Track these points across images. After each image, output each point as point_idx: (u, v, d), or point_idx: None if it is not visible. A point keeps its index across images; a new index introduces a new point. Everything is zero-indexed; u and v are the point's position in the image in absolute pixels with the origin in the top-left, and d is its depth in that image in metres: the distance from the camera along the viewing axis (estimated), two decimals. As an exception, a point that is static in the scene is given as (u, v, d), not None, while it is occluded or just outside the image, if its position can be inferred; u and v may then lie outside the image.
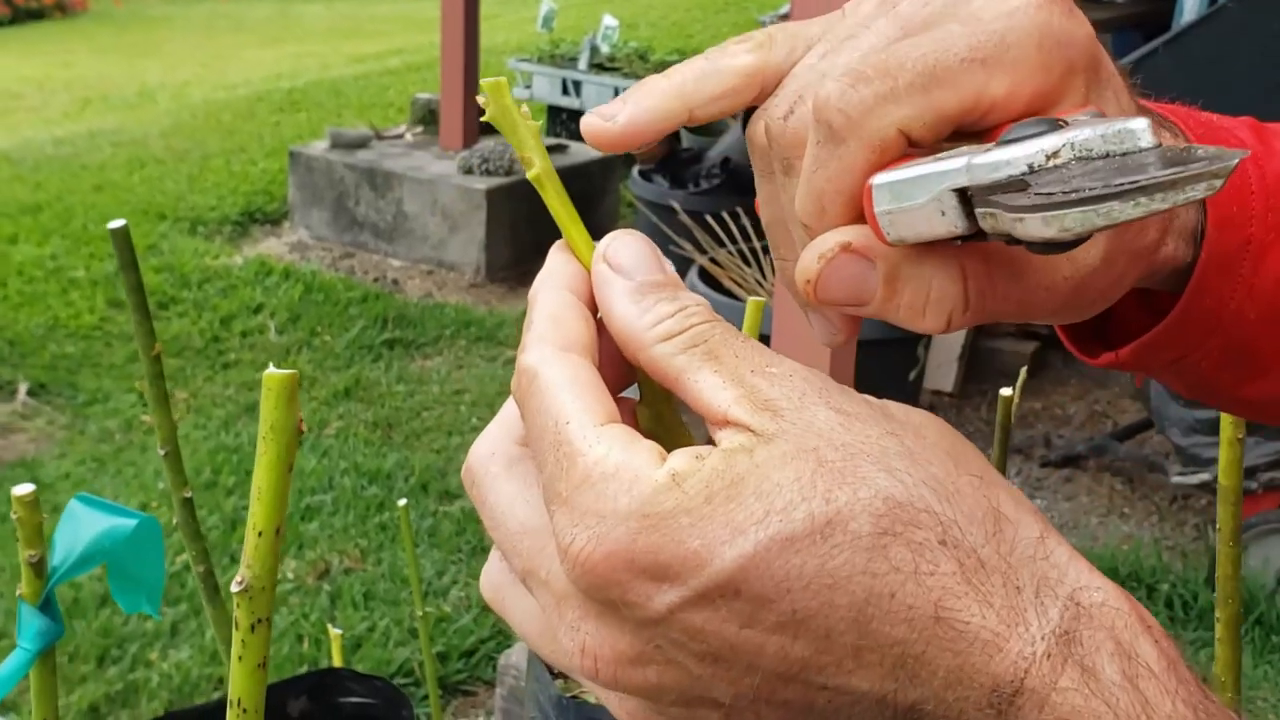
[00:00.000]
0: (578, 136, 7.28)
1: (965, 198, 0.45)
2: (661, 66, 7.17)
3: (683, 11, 12.53)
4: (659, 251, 0.52)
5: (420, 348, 5.14)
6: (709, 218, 4.69)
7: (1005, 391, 0.84)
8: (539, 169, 0.53)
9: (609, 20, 7.47)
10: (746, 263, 4.54)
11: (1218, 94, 3.51)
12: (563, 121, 7.41)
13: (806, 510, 0.44)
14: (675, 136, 5.84)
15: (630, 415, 0.53)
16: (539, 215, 4.70)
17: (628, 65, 7.23)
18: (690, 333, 0.49)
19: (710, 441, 0.47)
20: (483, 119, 0.54)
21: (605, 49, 7.35)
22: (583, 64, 7.20)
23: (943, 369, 4.77)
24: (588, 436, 0.47)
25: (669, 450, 0.48)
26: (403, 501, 1.57)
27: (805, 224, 0.52)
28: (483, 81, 0.54)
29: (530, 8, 11.40)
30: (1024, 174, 0.43)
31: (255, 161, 7.35)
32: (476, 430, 4.44)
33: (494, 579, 0.52)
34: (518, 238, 5.89)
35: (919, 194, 0.46)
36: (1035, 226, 0.42)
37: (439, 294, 5.68)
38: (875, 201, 0.48)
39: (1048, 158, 0.43)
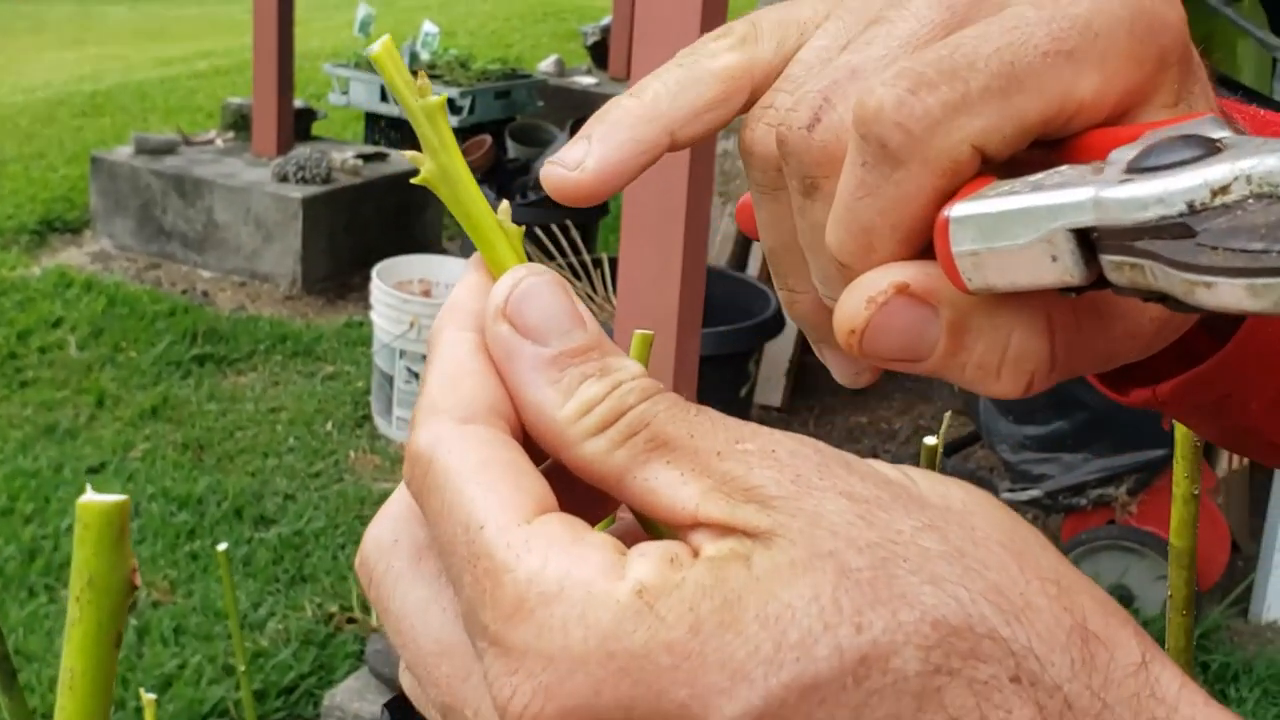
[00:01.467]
0: (396, 144, 7.12)
1: (1086, 240, 0.34)
2: (483, 75, 7.07)
3: (501, 20, 12.41)
4: (573, 294, 0.39)
5: (233, 363, 4.91)
6: (538, 230, 4.58)
7: (929, 440, 0.75)
8: (428, 171, 0.40)
9: (429, 27, 7.31)
10: (577, 276, 4.45)
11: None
12: (381, 129, 7.23)
13: (832, 643, 0.32)
14: (501, 145, 5.71)
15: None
16: (358, 224, 4.50)
17: (449, 72, 7.08)
18: (627, 419, 0.36)
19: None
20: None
21: (425, 56, 7.19)
22: (402, 71, 7.03)
23: (771, 383, 4.74)
24: (512, 543, 0.34)
25: (650, 530, 0.37)
26: (222, 546, 1.43)
27: (844, 261, 0.40)
28: (367, 51, 0.41)
29: (346, 12, 11.15)
30: (1182, 215, 0.32)
31: (55, 168, 7.00)
32: (293, 451, 4.25)
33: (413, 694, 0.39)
34: (336, 248, 5.69)
35: (1021, 232, 0.35)
36: (1233, 295, 0.31)
37: (252, 306, 5.45)
38: (955, 240, 0.37)
39: (1213, 194, 0.32)
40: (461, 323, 0.39)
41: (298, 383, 4.79)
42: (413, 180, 0.41)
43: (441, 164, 0.40)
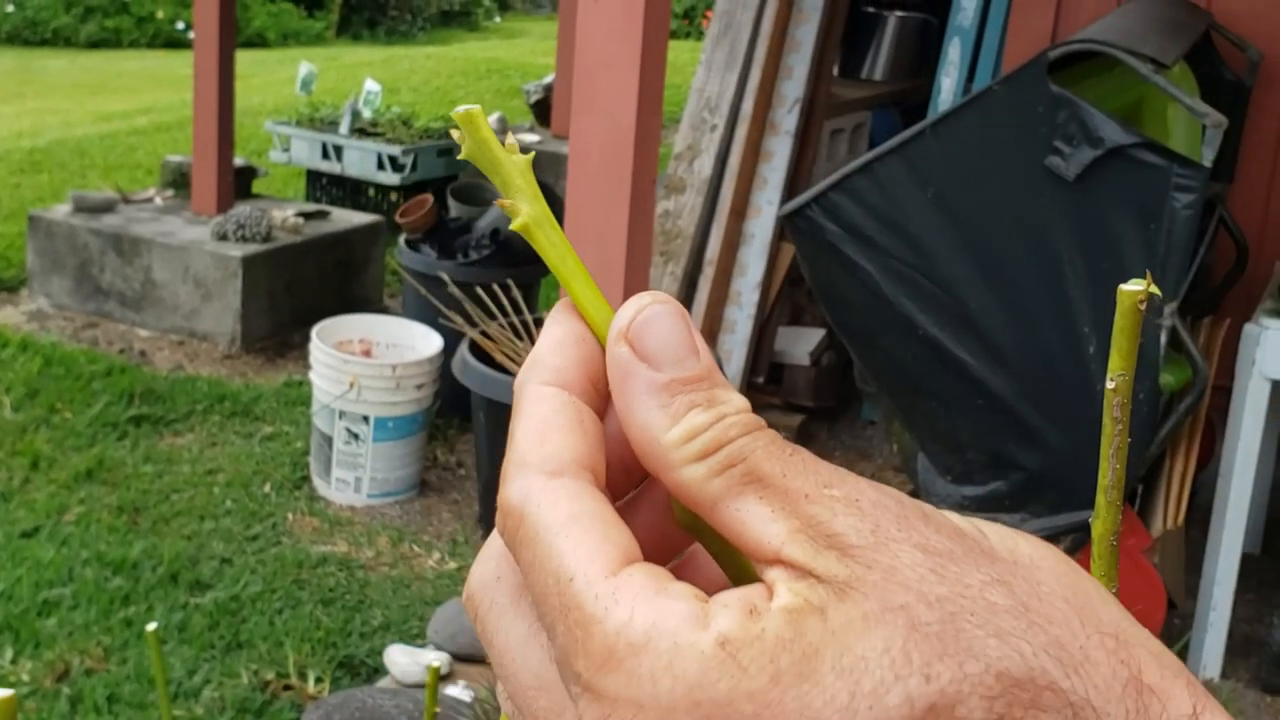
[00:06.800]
0: (338, 201, 7.11)
1: None
2: (425, 133, 7.08)
3: (445, 77, 12.44)
4: (693, 327, 0.41)
5: (170, 424, 4.86)
6: (479, 289, 4.57)
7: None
8: (527, 216, 0.42)
9: (371, 85, 7.31)
10: (519, 336, 4.44)
11: (983, 176, 3.57)
12: (323, 186, 7.22)
13: (902, 692, 0.34)
14: (442, 204, 5.71)
15: (656, 510, 0.43)
16: (299, 283, 4.49)
17: (390, 130, 7.09)
18: (727, 450, 0.38)
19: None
20: (459, 157, 0.42)
21: (367, 113, 7.20)
22: (344, 128, 7.03)
23: (713, 443, 4.74)
24: (600, 595, 0.36)
25: (721, 559, 0.39)
26: (152, 626, 1.40)
27: None
28: (455, 112, 0.43)
29: (287, 69, 11.15)
30: None
31: (-9, 224, 6.93)
32: (230, 513, 4.20)
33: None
34: (276, 307, 5.65)
35: None
36: None
37: (190, 366, 5.40)
38: None
39: None
40: (544, 378, 0.41)
41: (236, 443, 4.74)
42: (511, 226, 0.43)
43: (536, 213, 0.42)
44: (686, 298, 4.87)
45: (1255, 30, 4.44)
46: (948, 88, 5.13)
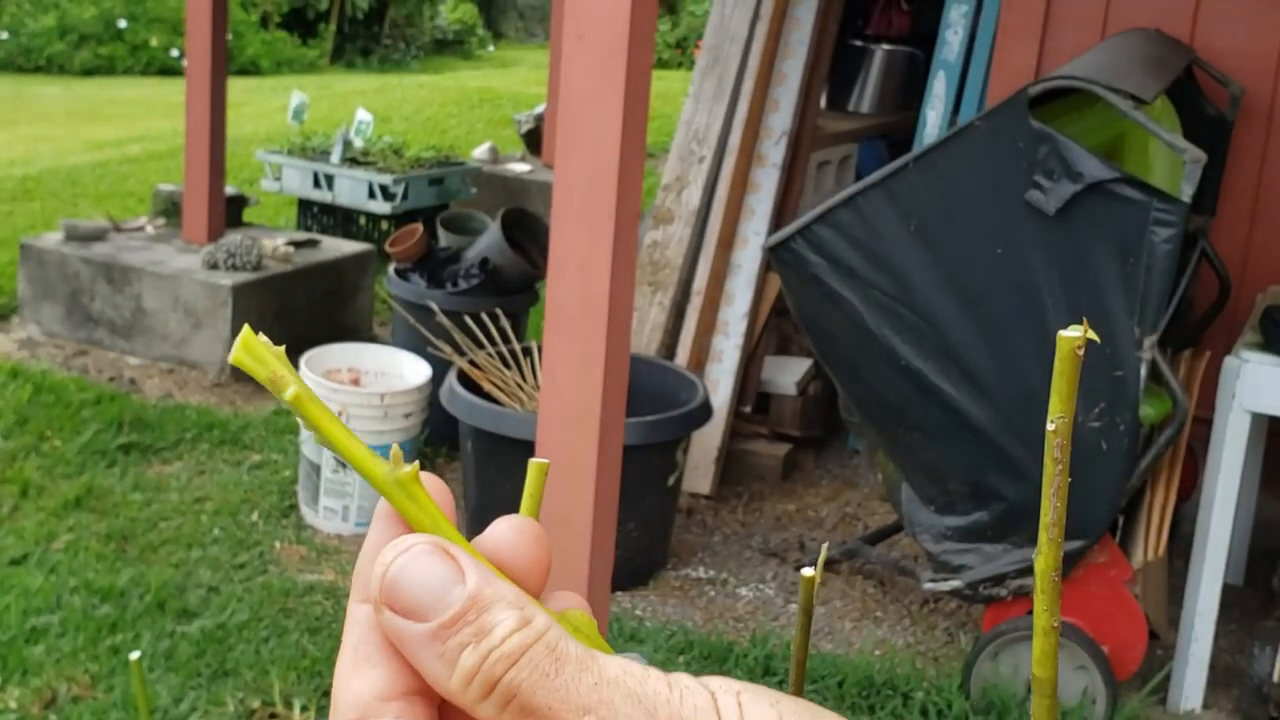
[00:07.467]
0: (329, 230, 7.14)
1: None
2: (416, 162, 7.12)
3: (437, 106, 12.49)
4: (448, 549, 0.42)
5: (159, 452, 4.88)
6: (468, 318, 4.60)
7: (807, 571, 0.77)
8: (295, 391, 0.45)
9: (363, 114, 7.36)
10: (506, 365, 4.46)
11: (965, 210, 3.61)
12: (314, 215, 7.25)
13: None
14: (432, 234, 5.74)
15: None
16: (289, 312, 4.52)
17: (382, 160, 7.13)
18: (500, 689, 0.41)
19: None
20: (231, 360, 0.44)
21: (359, 143, 7.24)
22: (335, 157, 7.06)
23: (700, 471, 4.77)
24: None
25: None
26: (135, 655, 1.42)
27: None
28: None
29: (280, 97, 11.19)
30: None
31: (-18, 252, 6.95)
32: (218, 541, 4.22)
33: None
34: (266, 335, 5.66)
35: None
36: None
37: (180, 394, 5.42)
38: None
39: None
40: (361, 594, 0.44)
41: (224, 472, 4.76)
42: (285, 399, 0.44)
43: (302, 390, 0.45)
44: (674, 327, 4.90)
45: (1237, 66, 4.49)
46: (933, 121, 5.18)
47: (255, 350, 0.43)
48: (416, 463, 0.45)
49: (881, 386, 3.55)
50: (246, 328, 0.44)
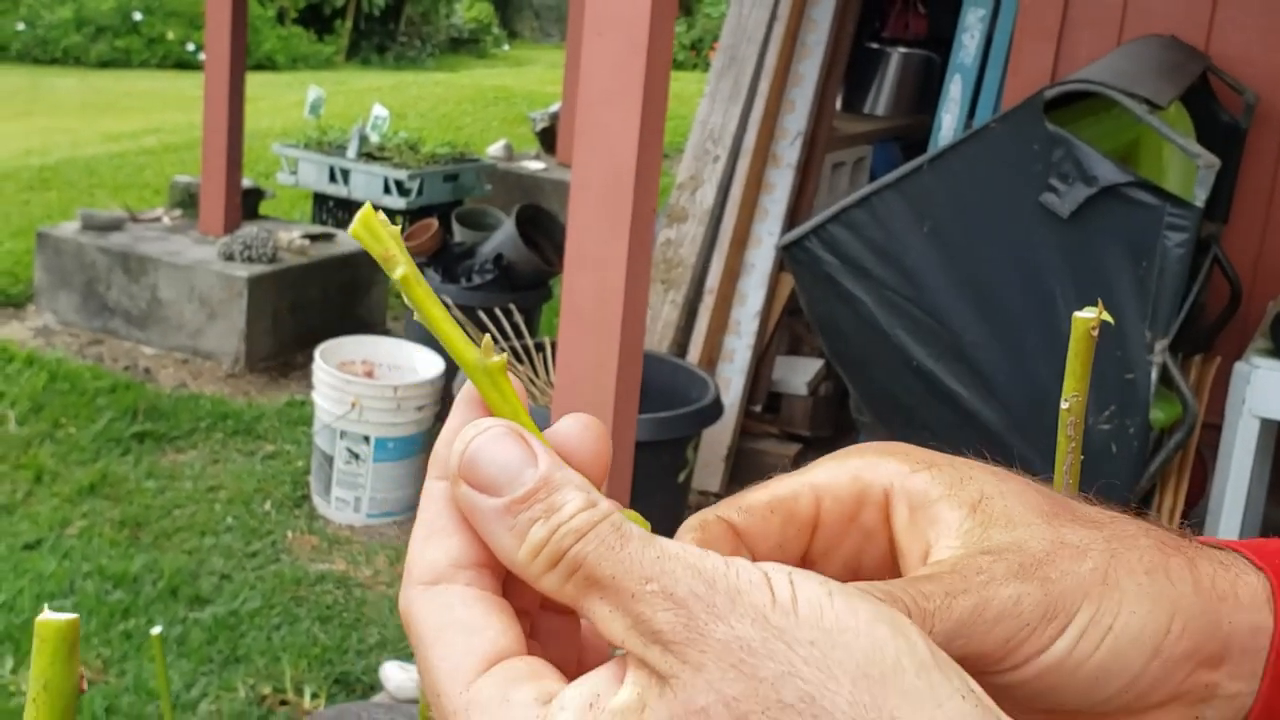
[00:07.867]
0: (344, 224, 7.16)
1: None
2: (432, 158, 7.15)
3: (453, 104, 12.53)
4: (524, 435, 0.45)
5: (173, 441, 4.91)
6: (482, 313, 4.63)
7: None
8: (403, 271, 0.46)
9: (379, 110, 7.39)
10: (520, 360, 4.49)
11: (979, 212, 3.62)
12: (329, 209, 7.28)
13: None
14: (447, 230, 5.77)
15: None
16: (303, 304, 4.54)
17: (398, 155, 7.16)
18: (567, 560, 0.43)
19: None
20: (349, 232, 0.46)
21: (375, 138, 7.27)
22: (352, 152, 7.09)
23: (710, 468, 4.79)
24: (456, 712, 0.43)
25: None
26: (156, 629, 1.45)
27: None
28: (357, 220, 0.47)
29: (296, 92, 11.23)
30: None
31: (0, 242, 6.99)
32: (231, 530, 4.25)
33: None
34: (280, 327, 5.71)
35: None
36: None
37: (194, 384, 5.46)
38: None
39: None
40: (435, 472, 0.46)
41: (237, 461, 4.79)
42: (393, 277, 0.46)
43: (409, 272, 0.45)
44: (686, 325, 4.93)
45: (1252, 74, 4.50)
46: (948, 124, 5.20)
47: (373, 227, 0.45)
48: (506, 354, 0.47)
49: (893, 386, 3.57)
50: (368, 204, 0.46)
